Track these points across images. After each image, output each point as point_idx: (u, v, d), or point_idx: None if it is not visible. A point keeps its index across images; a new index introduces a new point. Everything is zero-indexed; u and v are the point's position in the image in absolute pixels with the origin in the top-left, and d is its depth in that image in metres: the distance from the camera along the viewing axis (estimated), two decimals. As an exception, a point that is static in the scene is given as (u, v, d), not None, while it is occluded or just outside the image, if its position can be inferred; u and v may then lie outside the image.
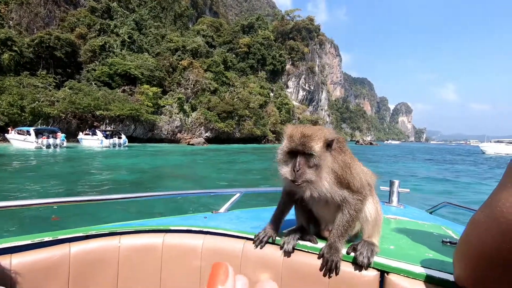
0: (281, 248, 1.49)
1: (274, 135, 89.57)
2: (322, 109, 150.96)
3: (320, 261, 1.39)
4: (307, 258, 1.44)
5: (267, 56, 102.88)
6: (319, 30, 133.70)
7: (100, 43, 63.99)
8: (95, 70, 61.27)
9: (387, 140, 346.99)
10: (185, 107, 68.95)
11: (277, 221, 1.67)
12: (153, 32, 79.64)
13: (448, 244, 1.58)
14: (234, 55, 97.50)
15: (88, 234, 1.62)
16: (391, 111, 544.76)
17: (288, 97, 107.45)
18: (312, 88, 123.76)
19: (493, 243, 0.73)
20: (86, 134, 44.18)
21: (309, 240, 1.54)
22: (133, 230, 1.74)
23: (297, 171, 1.33)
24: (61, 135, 37.14)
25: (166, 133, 64.36)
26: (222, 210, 2.34)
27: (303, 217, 1.67)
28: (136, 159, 26.71)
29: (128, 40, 69.93)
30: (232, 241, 1.64)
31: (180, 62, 73.85)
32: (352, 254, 1.38)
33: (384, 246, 1.52)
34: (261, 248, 1.55)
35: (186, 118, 69.02)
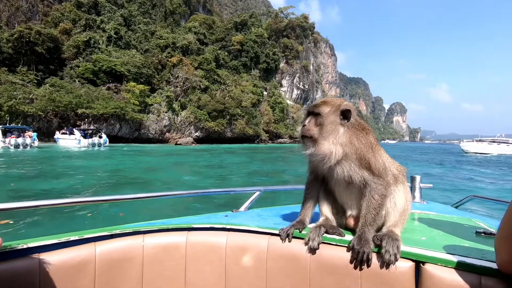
0: (306, 244, 1.44)
1: (268, 135, 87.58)
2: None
3: (349, 254, 1.34)
4: (335, 251, 1.40)
5: (261, 54, 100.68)
6: (314, 28, 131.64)
7: (85, 39, 61.32)
8: (78, 66, 58.62)
9: (383, 140, 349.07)
10: (174, 105, 66.57)
11: (304, 213, 1.64)
12: (142, 29, 77.04)
13: (483, 234, 1.51)
14: (226, 53, 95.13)
15: (112, 233, 1.63)
16: (386, 111, 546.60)
17: (282, 96, 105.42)
18: (307, 87, 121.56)
19: None
20: (63, 133, 41.47)
21: (337, 234, 1.47)
22: (157, 229, 1.73)
23: (304, 125, 1.45)
24: (32, 134, 34.58)
25: (154, 132, 61.92)
26: (242, 208, 2.25)
27: (327, 206, 1.62)
28: (111, 161, 24.41)
29: (115, 36, 67.29)
30: (256, 237, 1.61)
31: (169, 59, 71.43)
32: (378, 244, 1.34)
33: (415, 237, 1.46)
34: (289, 241, 1.50)
35: (175, 117, 66.67)
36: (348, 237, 1.44)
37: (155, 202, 8.02)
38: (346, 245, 1.37)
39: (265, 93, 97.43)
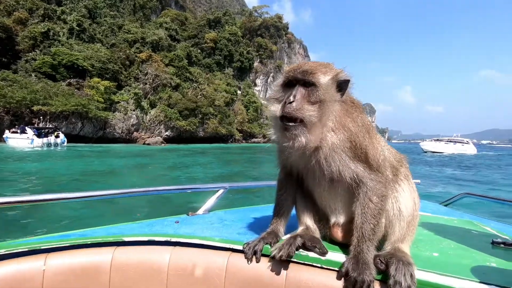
0: (272, 259, 1.10)
1: (241, 135, 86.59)
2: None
3: (341, 283, 0.98)
4: (321, 277, 1.02)
5: (235, 53, 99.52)
6: (287, 28, 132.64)
7: (43, 30, 56.55)
8: (35, 60, 53.89)
9: None
10: (143, 103, 63.50)
11: (277, 221, 1.24)
12: (109, 22, 72.75)
13: (502, 246, 1.27)
14: (199, 50, 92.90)
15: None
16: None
17: (256, 95, 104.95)
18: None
19: None
20: (13, 132, 37.59)
21: (317, 249, 1.09)
22: (67, 245, 1.27)
23: (290, 102, 1.00)
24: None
25: (120, 131, 58.59)
26: (200, 211, 1.89)
27: (307, 212, 1.24)
28: (63, 162, 22.22)
29: (78, 28, 62.86)
30: (212, 253, 1.21)
31: (138, 55, 68.11)
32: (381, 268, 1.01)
33: (425, 252, 1.16)
34: (257, 261, 1.11)
35: (144, 116, 63.64)
36: (335, 255, 1.08)
37: (74, 205, 6.24)
38: (337, 269, 1.01)
39: (239, 92, 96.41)
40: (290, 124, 0.99)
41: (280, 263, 1.07)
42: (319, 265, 1.04)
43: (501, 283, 0.88)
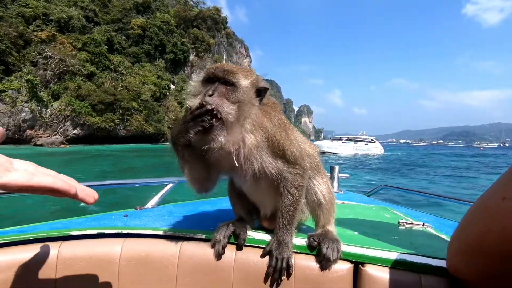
0: (212, 247, 1.21)
1: (174, 133, 77.91)
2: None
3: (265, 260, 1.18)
4: (259, 255, 1.20)
5: (167, 43, 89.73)
6: (226, 22, 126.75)
7: None
8: None
9: None
10: (41, 94, 50.70)
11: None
12: (-4, -10, 57.02)
13: (405, 225, 1.62)
14: (124, 37, 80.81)
15: None
16: (295, 112, 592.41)
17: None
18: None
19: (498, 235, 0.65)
20: None
21: (240, 236, 1.22)
22: (5, 242, 1.21)
23: (210, 95, 1.03)
24: None
25: (6, 129, 45.26)
26: (149, 205, 1.91)
27: (238, 204, 1.39)
28: None
29: None
30: (164, 243, 1.25)
31: (36, 34, 54.43)
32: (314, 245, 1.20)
33: (347, 232, 1.40)
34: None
35: (44, 109, 50.94)
36: (269, 237, 1.25)
37: (13, 200, 6.02)
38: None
39: (172, 86, 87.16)
40: (204, 121, 0.98)
41: (228, 247, 1.20)
42: (262, 246, 1.20)
43: (400, 250, 1.12)
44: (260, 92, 1.14)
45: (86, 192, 0.68)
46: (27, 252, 1.16)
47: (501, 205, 0.65)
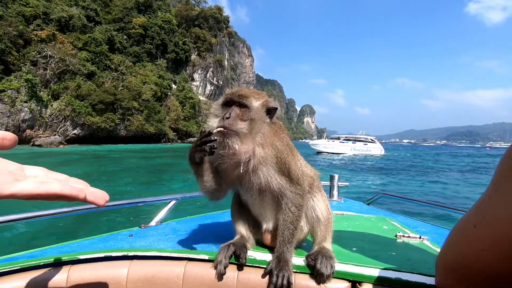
0: (215, 268, 1.26)
1: (176, 133, 77.30)
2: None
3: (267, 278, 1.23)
4: (260, 275, 1.24)
5: (169, 43, 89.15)
6: (228, 22, 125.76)
7: None
8: None
9: (302, 139, 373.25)
10: (41, 93, 50.25)
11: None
12: (-4, -12, 56.63)
13: (402, 237, 1.64)
14: (125, 37, 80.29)
15: None
16: (298, 112, 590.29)
17: (193, 91, 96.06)
18: (221, 83, 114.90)
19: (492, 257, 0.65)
20: None
21: (240, 257, 1.27)
22: (17, 268, 1.22)
23: (227, 118, 1.23)
24: None
25: (4, 129, 44.89)
26: (153, 223, 1.94)
27: (241, 221, 1.47)
28: None
29: None
30: (169, 264, 1.29)
31: (36, 33, 54.00)
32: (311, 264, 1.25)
33: (346, 249, 1.42)
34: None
35: (44, 109, 50.49)
36: (263, 255, 1.30)
37: (16, 227, 6.23)
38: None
39: (174, 86, 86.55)
40: (226, 135, 1.18)
41: (230, 268, 1.24)
42: (263, 266, 1.23)
43: (397, 268, 1.15)
44: (270, 111, 1.29)
45: (96, 195, 0.70)
46: (39, 278, 1.19)
47: (473, 232, 0.69)
